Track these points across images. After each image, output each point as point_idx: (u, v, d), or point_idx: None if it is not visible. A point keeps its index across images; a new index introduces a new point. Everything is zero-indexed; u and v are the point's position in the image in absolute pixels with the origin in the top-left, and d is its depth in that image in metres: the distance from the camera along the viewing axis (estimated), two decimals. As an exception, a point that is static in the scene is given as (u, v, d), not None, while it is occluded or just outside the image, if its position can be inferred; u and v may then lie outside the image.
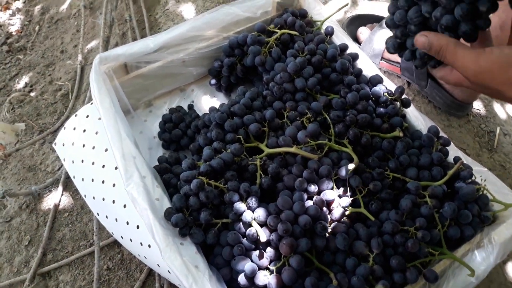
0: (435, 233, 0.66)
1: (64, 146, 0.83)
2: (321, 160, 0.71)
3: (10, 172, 1.00)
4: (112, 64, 0.84)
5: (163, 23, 1.24)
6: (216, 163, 0.69)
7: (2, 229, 0.90)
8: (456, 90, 0.99)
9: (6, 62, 1.50)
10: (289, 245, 0.60)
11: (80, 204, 0.91)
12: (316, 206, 0.64)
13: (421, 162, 0.74)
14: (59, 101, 1.16)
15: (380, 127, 0.78)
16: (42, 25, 1.65)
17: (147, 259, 0.69)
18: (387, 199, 0.71)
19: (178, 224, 0.64)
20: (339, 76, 0.83)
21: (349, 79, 0.81)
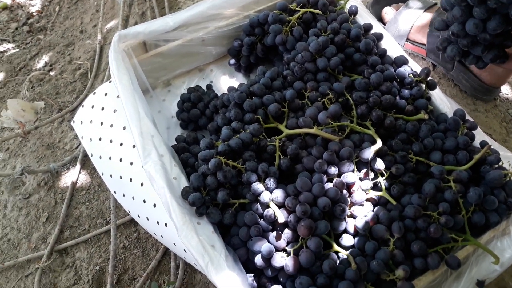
0: (459, 219, 0.64)
1: (82, 124, 0.83)
2: (342, 142, 0.69)
3: (29, 149, 1.01)
4: (131, 42, 0.83)
5: (183, 2, 1.22)
6: (235, 143, 0.67)
7: (21, 206, 0.91)
8: (484, 74, 0.95)
9: (27, 42, 1.51)
10: (308, 227, 0.59)
11: (97, 182, 0.91)
12: (336, 189, 0.63)
13: (446, 145, 0.71)
14: (78, 80, 1.15)
15: (404, 109, 0.75)
16: (62, 5, 1.66)
17: (163, 237, 0.69)
18: (410, 183, 0.69)
19: (195, 203, 0.63)
20: (363, 56, 0.80)
21: (373, 59, 0.79)
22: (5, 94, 1.24)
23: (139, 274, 0.79)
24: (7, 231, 0.89)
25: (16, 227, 0.89)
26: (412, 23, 1.03)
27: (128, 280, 0.78)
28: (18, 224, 0.89)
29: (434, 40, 1.00)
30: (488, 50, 0.63)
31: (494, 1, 0.55)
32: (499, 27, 0.57)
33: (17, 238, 0.87)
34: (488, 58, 0.63)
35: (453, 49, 0.65)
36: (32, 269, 0.82)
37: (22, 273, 0.82)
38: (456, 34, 0.64)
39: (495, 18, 0.57)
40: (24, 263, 0.83)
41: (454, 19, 0.62)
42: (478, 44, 0.62)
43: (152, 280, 0.76)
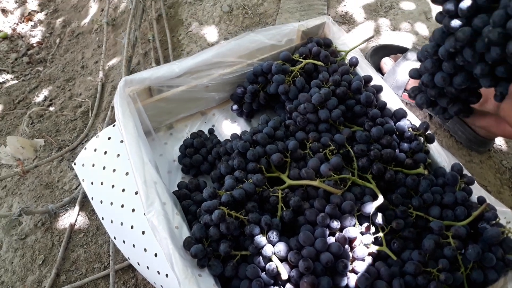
0: (458, 276, 0.65)
1: (84, 167, 0.83)
2: (343, 195, 0.70)
3: (27, 188, 1.00)
4: (137, 87, 0.84)
5: (186, 44, 1.25)
6: (238, 194, 0.68)
7: (16, 247, 0.90)
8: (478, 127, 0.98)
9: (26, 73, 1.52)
10: (310, 283, 0.59)
11: (96, 225, 0.91)
12: (339, 244, 0.63)
13: (445, 201, 0.72)
14: (78, 118, 1.16)
15: (403, 162, 0.77)
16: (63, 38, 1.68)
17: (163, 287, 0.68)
18: (410, 238, 0.70)
19: (197, 255, 0.63)
20: (363, 108, 0.82)
21: (374, 112, 0.81)
22: (3, 127, 1.24)
23: (136, 322, 0.78)
24: (1, 273, 0.87)
25: (10, 269, 0.87)
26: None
27: (125, 328, 0.77)
28: (13, 266, 0.88)
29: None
30: (453, 103, 0.66)
31: (461, 59, 0.58)
32: (464, 83, 0.61)
33: (11, 280, 0.86)
34: (453, 111, 0.67)
35: (422, 98, 0.69)
36: (26, 314, 0.81)
37: (16, 318, 0.81)
38: (425, 84, 0.67)
39: (461, 75, 0.61)
40: (18, 307, 0.82)
41: (426, 70, 0.66)
42: (444, 96, 0.66)
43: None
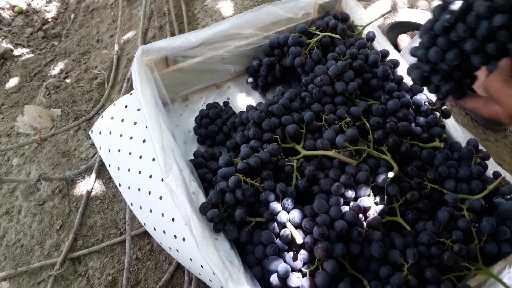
0: (472, 248, 0.65)
1: (101, 135, 0.84)
2: (358, 166, 0.71)
3: (45, 156, 1.02)
4: (154, 57, 0.84)
5: (201, 18, 1.24)
6: (254, 162, 0.69)
7: (35, 212, 0.92)
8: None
9: (41, 48, 1.52)
10: (325, 249, 0.60)
11: (112, 192, 0.92)
12: (353, 212, 0.64)
13: (460, 174, 0.73)
14: (94, 89, 1.17)
15: (419, 136, 0.77)
16: (77, 13, 1.68)
17: (179, 252, 0.70)
18: (424, 210, 0.70)
19: (213, 219, 0.64)
20: (380, 82, 0.82)
21: (390, 86, 0.81)
22: (19, 99, 1.25)
23: (151, 286, 0.79)
24: (20, 236, 0.89)
25: (29, 233, 0.89)
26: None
27: (140, 291, 0.79)
28: (32, 230, 0.90)
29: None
30: (446, 81, 0.66)
31: (454, 34, 0.58)
32: (455, 59, 0.61)
33: (30, 244, 0.88)
34: (445, 89, 0.66)
35: (417, 73, 0.68)
36: (45, 276, 0.83)
37: (35, 279, 0.83)
38: (419, 58, 0.67)
39: (453, 50, 0.60)
40: (36, 269, 0.84)
41: (422, 45, 0.66)
42: (437, 73, 0.66)
43: (164, 293, 0.77)
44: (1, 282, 0.84)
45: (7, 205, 0.94)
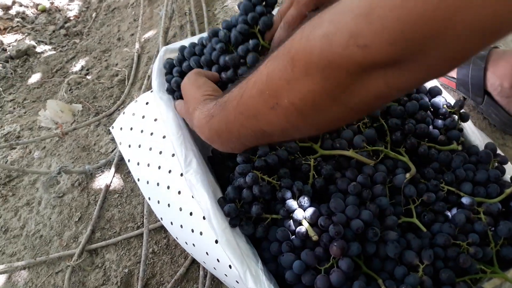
0: (488, 251, 0.65)
1: (122, 130, 0.85)
2: (376, 167, 0.71)
3: (65, 150, 1.04)
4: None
5: (221, 18, 1.26)
6: (271, 159, 0.69)
7: (54, 204, 0.94)
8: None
9: (63, 45, 1.55)
10: (341, 247, 0.61)
11: (130, 187, 0.94)
12: (370, 212, 0.64)
13: (477, 178, 0.73)
14: (115, 86, 1.19)
15: (437, 139, 0.77)
16: (99, 12, 1.71)
17: (195, 246, 0.71)
18: (440, 212, 0.70)
19: (230, 213, 0.65)
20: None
21: (409, 88, 0.81)
22: (41, 94, 1.28)
23: (166, 280, 0.81)
24: (39, 227, 0.92)
25: (48, 224, 0.92)
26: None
27: (156, 285, 0.81)
28: (51, 222, 0.92)
29: (464, 73, 1.02)
30: None
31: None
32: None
33: (49, 235, 0.90)
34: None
35: None
36: (63, 266, 0.85)
37: (53, 269, 0.85)
38: None
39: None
40: (55, 260, 0.86)
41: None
42: None
43: (180, 287, 0.78)
44: (20, 271, 0.86)
45: (27, 197, 0.97)
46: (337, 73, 0.44)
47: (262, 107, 0.53)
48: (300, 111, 0.50)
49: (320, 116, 0.50)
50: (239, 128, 0.60)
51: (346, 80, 0.44)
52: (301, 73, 0.47)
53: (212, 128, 0.64)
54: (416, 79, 0.42)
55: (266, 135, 0.58)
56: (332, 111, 0.49)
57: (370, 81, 0.43)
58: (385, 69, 0.41)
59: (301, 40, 0.46)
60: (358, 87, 0.44)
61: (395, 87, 0.43)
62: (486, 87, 0.98)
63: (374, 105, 0.48)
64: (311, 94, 0.47)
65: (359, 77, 0.43)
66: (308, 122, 0.52)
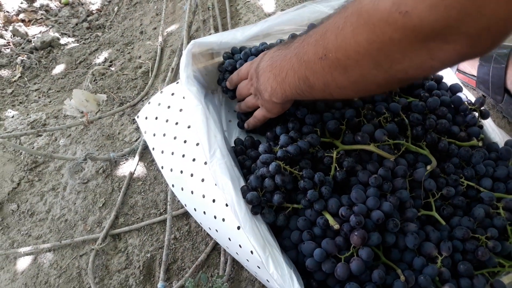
0: (507, 245, 0.66)
1: (147, 120, 0.88)
2: (396, 160, 0.72)
3: (90, 138, 1.07)
4: (202, 49, 0.88)
5: (244, 14, 1.28)
6: (293, 149, 0.71)
7: (79, 190, 0.97)
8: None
9: (86, 37, 1.58)
10: (361, 237, 0.62)
11: (153, 175, 0.96)
12: (390, 203, 0.65)
13: (497, 174, 0.73)
14: (139, 78, 1.22)
15: (457, 135, 0.78)
16: (121, 6, 1.73)
17: (218, 232, 0.73)
18: (459, 206, 0.71)
19: (252, 201, 0.66)
20: (420, 80, 0.84)
21: (430, 84, 0.82)
22: (65, 84, 1.31)
23: (187, 266, 0.83)
24: (64, 212, 0.94)
25: (73, 209, 0.94)
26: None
27: (177, 270, 0.83)
28: (76, 207, 0.94)
29: (484, 71, 1.02)
30: None
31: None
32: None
33: (74, 219, 0.93)
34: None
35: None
36: (87, 249, 0.88)
37: (77, 252, 0.88)
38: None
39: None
40: (79, 243, 0.89)
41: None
42: None
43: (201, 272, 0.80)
44: (46, 253, 0.89)
45: (53, 182, 1.00)
46: (381, 38, 0.45)
47: (313, 55, 0.56)
48: (344, 67, 0.53)
49: (361, 76, 0.53)
50: (289, 68, 0.63)
51: (388, 46, 0.46)
52: (348, 33, 0.49)
53: (271, 58, 0.69)
54: (459, 52, 0.43)
55: (308, 84, 0.61)
56: (373, 75, 0.51)
57: (412, 51, 0.45)
58: (427, 40, 0.42)
59: (354, 2, 0.48)
60: (400, 55, 0.46)
61: (437, 58, 0.44)
62: (506, 85, 0.98)
63: (415, 75, 0.50)
64: (355, 54, 0.50)
65: (402, 45, 0.45)
66: (349, 80, 0.54)
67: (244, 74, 0.79)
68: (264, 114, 0.78)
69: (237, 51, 0.87)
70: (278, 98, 0.69)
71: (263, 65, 0.70)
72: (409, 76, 0.50)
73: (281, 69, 0.65)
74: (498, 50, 0.99)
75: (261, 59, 0.72)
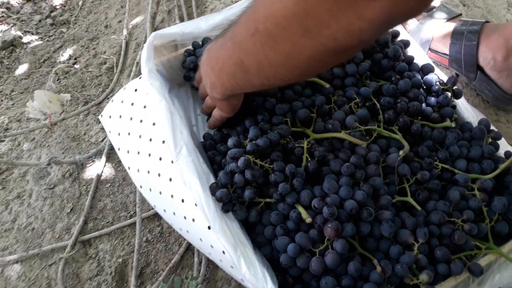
0: (482, 227, 0.65)
1: (111, 118, 0.84)
2: (369, 147, 0.70)
3: (55, 140, 1.02)
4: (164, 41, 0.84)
5: (210, 2, 1.24)
6: (263, 142, 0.68)
7: (46, 196, 0.93)
8: (506, 83, 0.96)
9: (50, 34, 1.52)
10: (335, 228, 0.60)
11: (122, 176, 0.93)
12: (363, 192, 0.63)
13: (471, 154, 0.72)
14: (103, 74, 1.17)
15: (430, 116, 0.76)
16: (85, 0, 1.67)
17: (189, 233, 0.70)
18: (435, 190, 0.70)
19: (222, 199, 0.64)
20: (391, 62, 0.81)
21: (401, 66, 0.80)
22: (29, 85, 1.26)
23: (161, 268, 0.80)
24: (31, 220, 0.90)
25: (40, 216, 0.90)
26: (434, 33, 1.04)
27: (151, 273, 0.80)
28: (43, 214, 0.91)
29: (456, 49, 1.00)
30: None
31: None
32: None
33: (41, 227, 0.89)
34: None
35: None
36: (56, 258, 0.84)
37: (46, 262, 0.84)
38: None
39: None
40: (48, 252, 0.85)
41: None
42: None
43: (175, 274, 0.78)
44: (13, 265, 0.85)
45: (18, 189, 0.95)
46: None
47: (245, 33, 0.51)
48: (273, 38, 0.47)
49: (290, 47, 0.47)
50: (225, 57, 0.58)
51: (315, 6, 0.40)
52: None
53: (208, 50, 0.64)
54: (385, 9, 0.37)
55: (243, 68, 0.55)
56: (302, 44, 0.45)
57: (339, 10, 0.39)
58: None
59: None
60: (327, 16, 0.40)
61: (364, 18, 0.39)
62: (478, 62, 0.97)
63: (345, 41, 0.43)
64: (283, 20, 0.44)
65: (328, 4, 0.39)
66: (280, 54, 0.49)
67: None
68: (219, 113, 0.75)
69: (199, 46, 0.84)
70: (218, 92, 0.65)
71: (202, 59, 0.66)
72: (340, 44, 0.43)
73: (217, 59, 0.60)
74: (469, 27, 0.97)
75: (201, 53, 0.67)
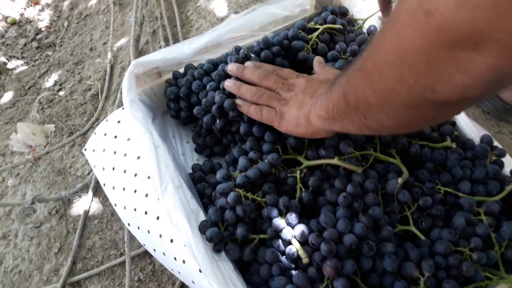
0: (492, 255, 0.61)
1: (95, 152, 0.80)
2: (366, 173, 0.66)
3: (40, 175, 0.99)
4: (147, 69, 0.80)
5: (195, 20, 1.20)
6: (253, 174, 0.64)
7: (32, 235, 0.89)
8: (506, 94, 0.92)
9: (36, 58, 1.49)
10: (334, 267, 0.56)
11: (110, 210, 0.89)
12: (363, 225, 0.59)
13: (475, 175, 0.68)
14: (88, 102, 1.14)
15: (429, 136, 0.72)
16: (71, 20, 1.65)
17: (181, 274, 0.66)
18: (438, 216, 0.65)
19: (213, 239, 0.60)
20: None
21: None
22: (14, 114, 1.22)
23: (154, 309, 0.76)
24: (18, 262, 0.87)
25: (27, 257, 0.87)
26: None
27: (144, 315, 0.76)
28: (30, 255, 0.87)
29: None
30: None
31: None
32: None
33: (29, 269, 0.85)
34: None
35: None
36: (44, 303, 0.80)
37: (34, 307, 0.80)
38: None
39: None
40: (36, 296, 0.81)
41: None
42: None
43: (168, 316, 0.74)
44: (0, 311, 0.81)
45: (3, 229, 0.92)
46: (403, 44, 0.37)
47: (353, 68, 0.48)
48: (370, 78, 0.44)
49: (385, 92, 0.43)
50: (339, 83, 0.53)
51: (411, 54, 0.37)
52: (378, 39, 0.42)
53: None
54: (491, 65, 0.32)
55: (345, 99, 0.51)
56: (397, 92, 0.41)
57: (437, 61, 0.35)
58: (454, 47, 0.33)
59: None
60: (424, 66, 0.36)
61: (467, 72, 0.34)
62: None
63: (445, 94, 0.37)
64: (380, 63, 0.42)
65: (425, 53, 0.35)
66: (375, 96, 0.45)
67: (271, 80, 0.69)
68: (275, 121, 0.67)
69: (180, 75, 0.80)
70: (322, 111, 0.58)
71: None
72: (438, 96, 0.38)
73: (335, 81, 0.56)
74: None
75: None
